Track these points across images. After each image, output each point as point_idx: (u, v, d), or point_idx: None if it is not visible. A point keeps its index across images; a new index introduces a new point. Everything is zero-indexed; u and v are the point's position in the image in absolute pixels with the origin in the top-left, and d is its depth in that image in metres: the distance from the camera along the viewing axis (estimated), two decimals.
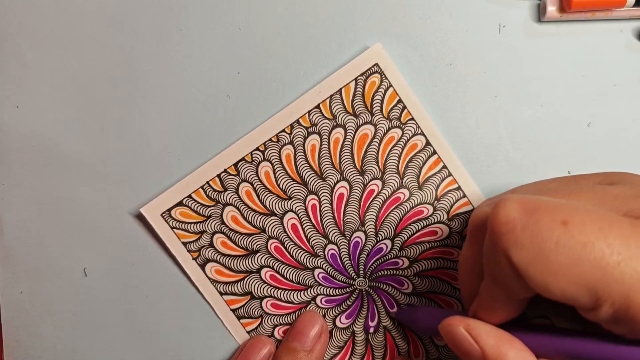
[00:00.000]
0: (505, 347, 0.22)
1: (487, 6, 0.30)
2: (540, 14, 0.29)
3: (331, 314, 0.31)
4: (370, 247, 0.31)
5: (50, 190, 0.31)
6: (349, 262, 0.31)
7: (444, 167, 0.30)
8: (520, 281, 0.21)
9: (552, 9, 0.29)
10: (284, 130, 0.30)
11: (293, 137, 0.30)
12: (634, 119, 0.30)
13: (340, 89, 0.30)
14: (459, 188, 0.30)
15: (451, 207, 0.30)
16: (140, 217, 0.30)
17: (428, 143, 0.30)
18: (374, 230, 0.30)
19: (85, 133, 0.31)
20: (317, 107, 0.30)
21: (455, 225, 0.30)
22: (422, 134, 0.30)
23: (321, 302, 0.31)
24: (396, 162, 0.30)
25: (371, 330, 0.31)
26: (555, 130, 0.30)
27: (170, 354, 0.32)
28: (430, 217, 0.30)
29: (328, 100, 0.30)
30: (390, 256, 0.31)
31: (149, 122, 0.31)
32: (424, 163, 0.30)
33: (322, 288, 0.31)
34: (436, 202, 0.30)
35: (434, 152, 0.30)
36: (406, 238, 0.31)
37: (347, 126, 0.30)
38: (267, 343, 0.30)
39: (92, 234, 0.31)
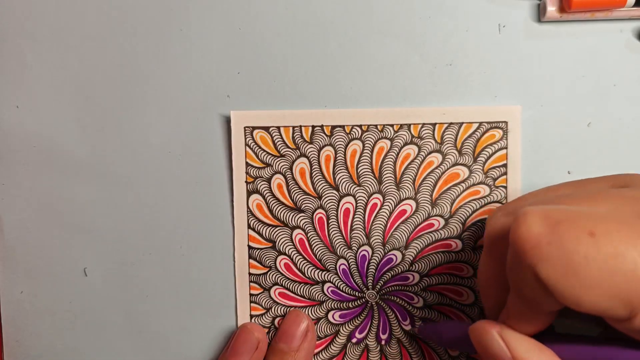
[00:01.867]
0: (536, 354, 0.22)
1: (487, 6, 0.30)
2: (540, 14, 0.29)
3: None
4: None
5: (50, 190, 0.31)
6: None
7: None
8: (549, 296, 0.20)
9: (552, 9, 0.29)
10: (389, 126, 0.30)
11: (393, 141, 0.30)
12: (634, 119, 0.30)
13: (462, 123, 0.29)
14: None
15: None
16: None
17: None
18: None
19: (85, 133, 0.31)
20: (429, 125, 0.30)
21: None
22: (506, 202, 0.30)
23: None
24: (465, 215, 0.30)
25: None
26: (555, 130, 0.30)
27: (170, 354, 0.32)
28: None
29: (441, 127, 0.30)
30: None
31: (149, 122, 0.31)
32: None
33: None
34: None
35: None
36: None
37: (442, 157, 0.30)
38: (254, 331, 0.30)
39: (92, 234, 0.31)
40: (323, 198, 0.30)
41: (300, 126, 0.30)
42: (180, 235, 0.31)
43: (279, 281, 0.31)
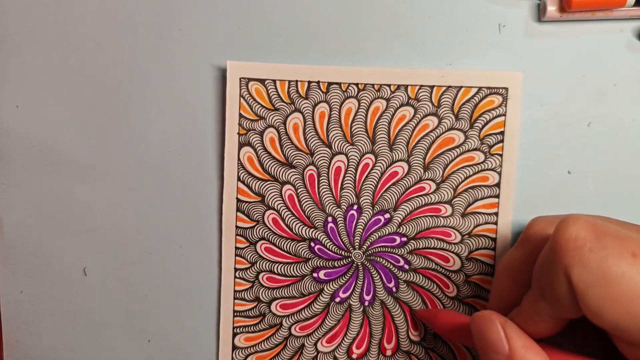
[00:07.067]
0: (532, 354, 0.22)
1: (488, 6, 0.30)
2: (540, 13, 0.29)
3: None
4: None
5: (50, 190, 0.31)
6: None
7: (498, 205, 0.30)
8: (572, 301, 0.21)
9: (552, 9, 0.29)
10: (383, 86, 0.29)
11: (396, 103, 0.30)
12: (634, 119, 0.30)
13: (461, 86, 0.29)
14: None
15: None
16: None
17: (498, 184, 0.30)
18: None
19: (85, 133, 0.31)
20: (426, 87, 0.29)
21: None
22: (500, 173, 0.30)
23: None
24: (458, 181, 0.30)
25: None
26: (555, 130, 0.30)
27: (170, 354, 0.32)
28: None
29: (438, 90, 0.29)
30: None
31: (149, 122, 0.31)
32: (483, 197, 0.30)
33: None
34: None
35: (497, 195, 0.30)
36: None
37: (438, 120, 0.29)
38: None
39: (92, 234, 0.31)
40: (315, 155, 0.30)
41: (297, 81, 0.30)
42: (180, 235, 0.31)
43: (265, 236, 0.31)
